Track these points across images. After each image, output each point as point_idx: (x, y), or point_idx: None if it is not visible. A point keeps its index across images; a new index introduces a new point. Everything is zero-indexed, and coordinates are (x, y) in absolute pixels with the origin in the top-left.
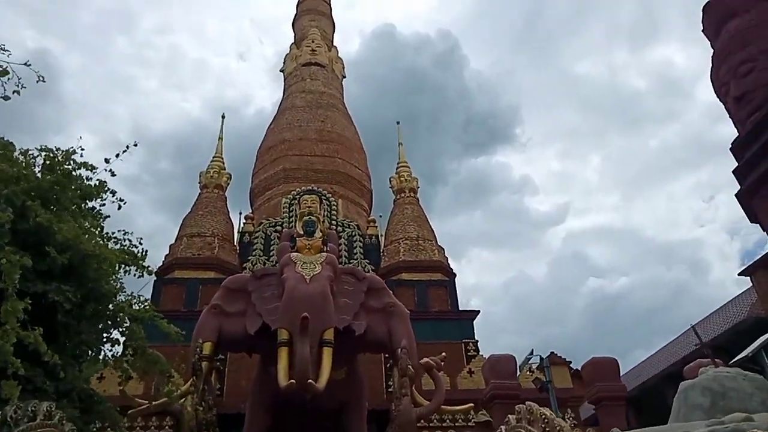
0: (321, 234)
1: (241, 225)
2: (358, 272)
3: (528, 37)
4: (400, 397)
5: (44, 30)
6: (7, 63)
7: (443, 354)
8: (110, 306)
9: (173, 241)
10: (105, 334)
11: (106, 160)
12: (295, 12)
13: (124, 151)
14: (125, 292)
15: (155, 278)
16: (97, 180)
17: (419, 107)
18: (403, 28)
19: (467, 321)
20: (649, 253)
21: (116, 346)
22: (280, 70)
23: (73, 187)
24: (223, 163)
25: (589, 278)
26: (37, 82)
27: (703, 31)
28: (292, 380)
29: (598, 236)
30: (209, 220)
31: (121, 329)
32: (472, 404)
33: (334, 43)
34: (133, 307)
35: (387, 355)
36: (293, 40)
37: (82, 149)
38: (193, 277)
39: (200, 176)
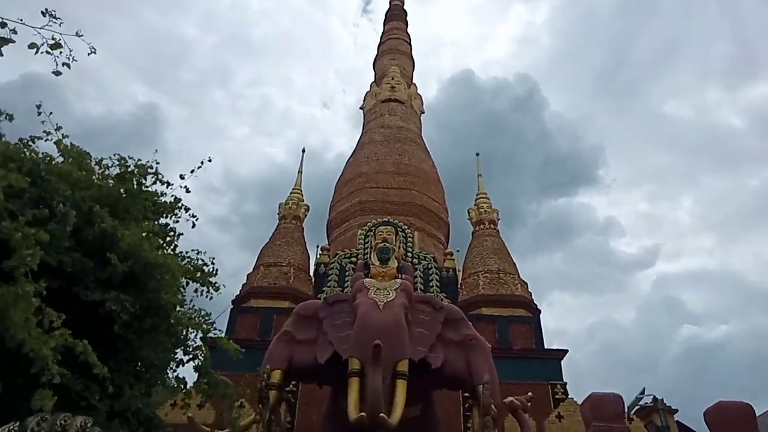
0: (396, 262)
1: (317, 256)
2: (434, 301)
3: (610, 78)
4: None
5: (152, 85)
6: (60, 35)
7: (529, 394)
8: (171, 320)
9: (251, 271)
10: (172, 354)
11: (181, 176)
12: (376, 53)
13: (199, 167)
14: (187, 305)
15: (231, 307)
16: (173, 196)
17: (497, 150)
18: (482, 73)
19: (554, 361)
20: (751, 300)
21: (181, 366)
22: (360, 108)
23: (144, 198)
24: (302, 195)
25: (684, 325)
26: (89, 54)
27: None
28: (363, 413)
29: (692, 281)
30: (286, 250)
31: (186, 348)
32: None
33: (414, 81)
34: (193, 319)
35: (466, 394)
36: (374, 79)
37: (158, 163)
38: (267, 307)
39: (279, 207)
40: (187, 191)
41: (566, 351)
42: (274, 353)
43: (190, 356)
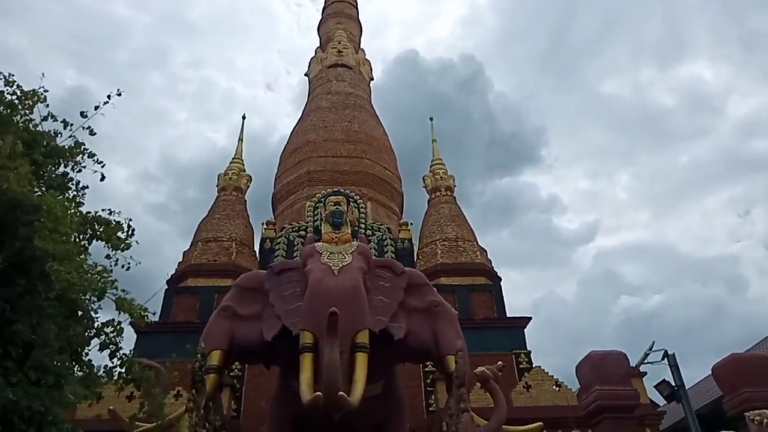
0: (350, 227)
1: (263, 232)
2: (395, 265)
3: (552, 59)
4: (458, 413)
5: (82, 69)
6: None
7: (500, 363)
8: (51, 277)
9: (187, 248)
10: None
11: (83, 114)
12: (320, 17)
13: (105, 103)
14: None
15: (166, 287)
16: (71, 138)
17: (443, 131)
18: (427, 53)
19: (517, 329)
20: (683, 270)
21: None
22: (305, 74)
23: (21, 128)
24: (243, 165)
25: (622, 296)
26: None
27: None
28: (318, 393)
29: (629, 254)
30: (227, 223)
31: (86, 320)
32: (540, 423)
33: (362, 46)
34: (88, 278)
35: (429, 365)
36: (319, 44)
37: (46, 91)
38: (208, 285)
39: (218, 178)
40: (92, 133)
41: (529, 318)
42: (212, 331)
43: (93, 331)
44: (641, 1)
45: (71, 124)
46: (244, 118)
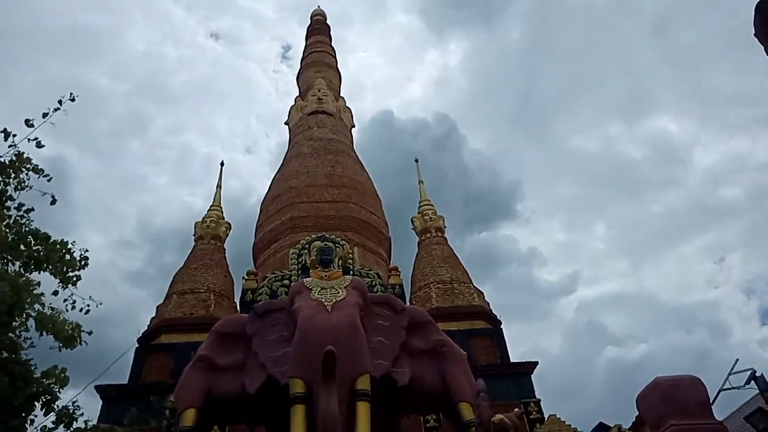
0: (341, 264)
1: (243, 283)
2: (395, 302)
3: (522, 116)
4: None
5: (61, 138)
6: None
7: (518, 410)
8: None
9: (161, 302)
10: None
11: (27, 122)
12: (299, 68)
13: (56, 110)
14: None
15: (137, 346)
16: (13, 152)
17: (416, 189)
18: (401, 113)
19: (524, 376)
20: (666, 318)
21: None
22: (285, 123)
23: None
24: (222, 213)
25: (607, 347)
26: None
27: (755, 34)
28: None
29: (611, 304)
30: (204, 273)
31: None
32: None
33: (341, 94)
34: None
35: (431, 419)
36: (298, 93)
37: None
38: (183, 342)
39: (195, 227)
40: (39, 146)
41: (536, 363)
42: (185, 386)
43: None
44: (604, 61)
45: (13, 135)
46: (222, 164)
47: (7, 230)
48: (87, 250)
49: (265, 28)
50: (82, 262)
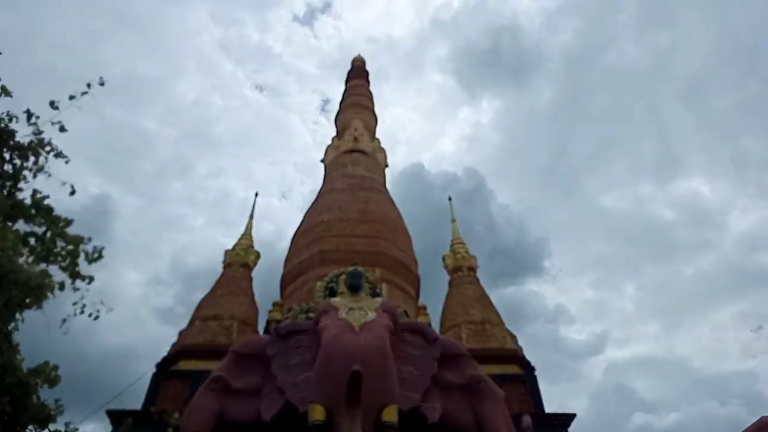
0: (371, 291)
1: (269, 314)
2: (427, 330)
3: (552, 173)
4: None
5: (108, 177)
6: None
7: None
8: None
9: (183, 327)
10: None
11: (52, 105)
12: (338, 108)
13: (84, 93)
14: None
15: (154, 371)
16: (35, 134)
17: (444, 241)
18: (432, 167)
19: (561, 429)
20: (698, 386)
21: None
22: (321, 161)
23: None
24: (252, 242)
25: (635, 413)
26: None
27: None
28: None
29: (641, 367)
30: (229, 300)
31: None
32: None
33: (377, 135)
34: None
35: None
36: (336, 133)
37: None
38: (202, 369)
39: (225, 255)
40: (62, 129)
41: (574, 415)
42: (196, 408)
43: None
44: (636, 122)
45: (36, 117)
46: (256, 195)
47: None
48: (103, 247)
49: (307, 83)
50: (95, 255)
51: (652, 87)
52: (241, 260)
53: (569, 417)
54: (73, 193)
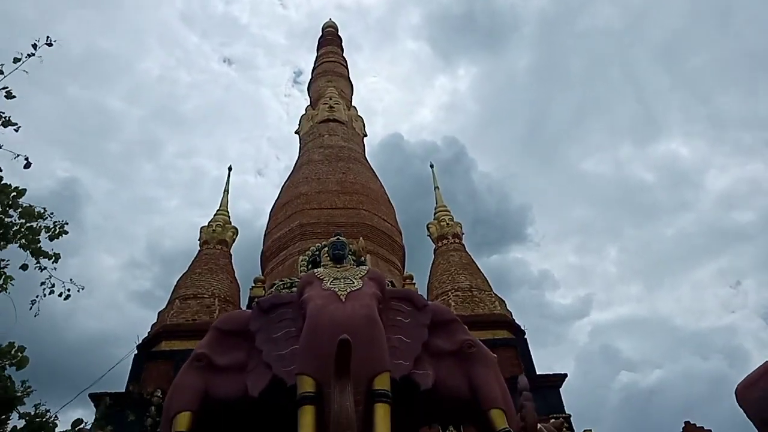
0: (355, 258)
1: (250, 291)
2: (416, 297)
3: (532, 140)
4: None
5: (75, 160)
6: None
7: (557, 420)
8: None
9: (163, 307)
10: None
11: None
12: (310, 76)
13: (30, 55)
14: None
15: (135, 353)
16: None
17: (427, 212)
18: (411, 137)
19: (552, 390)
20: (681, 343)
21: None
22: (295, 132)
23: None
24: (228, 217)
25: (621, 372)
26: None
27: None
28: None
29: (625, 328)
30: (209, 278)
31: None
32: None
33: (353, 104)
34: None
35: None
36: (309, 103)
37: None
38: (184, 349)
39: (200, 232)
40: (9, 96)
41: (565, 375)
42: (180, 386)
43: None
44: (613, 84)
45: None
46: (230, 169)
47: None
48: (66, 222)
49: (277, 54)
50: (56, 231)
51: (628, 48)
52: (218, 237)
53: (560, 378)
54: (27, 165)
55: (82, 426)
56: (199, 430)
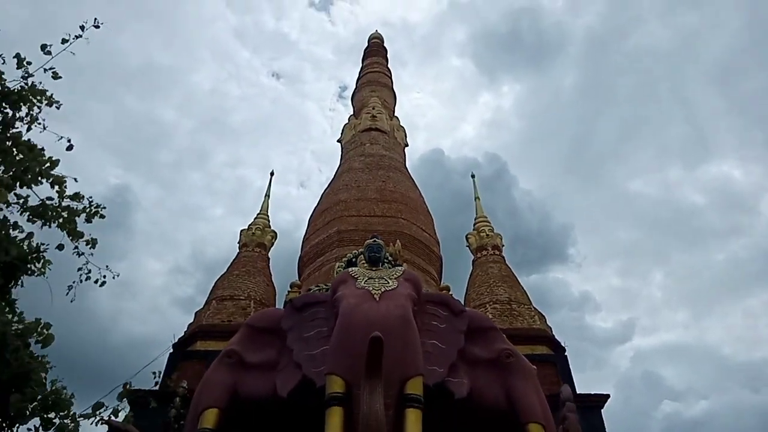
0: (391, 261)
1: (286, 295)
2: (452, 302)
3: (576, 158)
4: None
5: (127, 168)
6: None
7: None
8: None
9: (200, 308)
10: None
11: (43, 48)
12: (354, 86)
13: (77, 37)
14: None
15: (171, 352)
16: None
17: (466, 228)
18: (452, 153)
19: (594, 410)
20: (729, 374)
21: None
22: (338, 141)
23: None
24: (268, 221)
25: (664, 401)
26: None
27: None
28: None
29: (669, 355)
30: (246, 281)
31: None
32: None
33: (396, 114)
34: None
35: None
36: (352, 112)
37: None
38: (219, 350)
39: (240, 235)
40: (55, 77)
41: (608, 396)
42: (209, 383)
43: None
44: (663, 105)
45: (27, 62)
46: (272, 174)
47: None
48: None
49: (324, 69)
50: (91, 210)
51: (680, 69)
52: (257, 240)
53: (603, 398)
54: (70, 147)
55: (103, 410)
56: (227, 428)
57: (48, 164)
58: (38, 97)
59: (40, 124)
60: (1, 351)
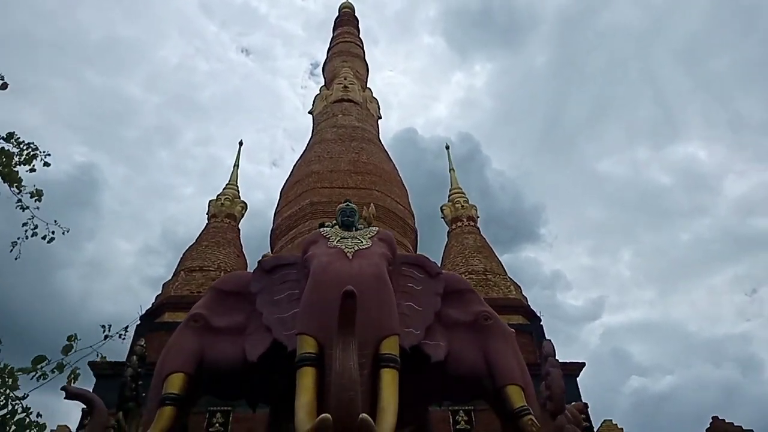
0: (364, 224)
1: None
2: (429, 264)
3: (548, 139)
4: None
5: (93, 145)
6: None
7: (579, 403)
8: None
9: (168, 279)
10: None
11: None
12: (325, 57)
13: None
14: None
15: (138, 323)
16: None
17: (440, 206)
18: (425, 132)
19: (569, 378)
20: (693, 350)
21: None
22: (309, 112)
23: None
24: (238, 191)
25: (632, 377)
26: None
27: None
28: (326, 415)
29: (637, 332)
30: (215, 251)
31: None
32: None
33: (368, 85)
34: None
35: (460, 413)
36: (324, 83)
37: None
38: None
39: (209, 205)
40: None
41: (583, 364)
42: (174, 347)
43: None
44: (632, 85)
45: None
46: (241, 144)
47: None
48: (37, 147)
49: (294, 45)
50: (28, 154)
51: (649, 48)
52: (226, 210)
53: (579, 366)
54: (4, 86)
55: (44, 364)
56: (194, 394)
57: None
58: None
59: None
60: None
